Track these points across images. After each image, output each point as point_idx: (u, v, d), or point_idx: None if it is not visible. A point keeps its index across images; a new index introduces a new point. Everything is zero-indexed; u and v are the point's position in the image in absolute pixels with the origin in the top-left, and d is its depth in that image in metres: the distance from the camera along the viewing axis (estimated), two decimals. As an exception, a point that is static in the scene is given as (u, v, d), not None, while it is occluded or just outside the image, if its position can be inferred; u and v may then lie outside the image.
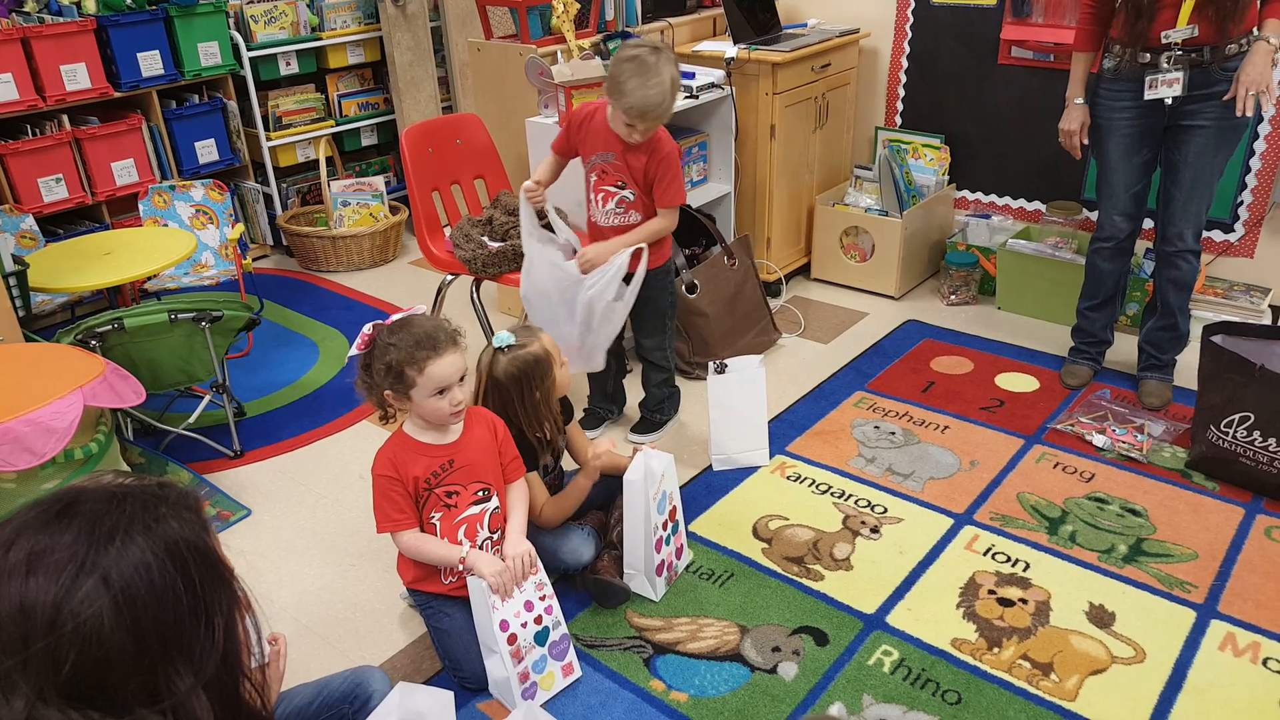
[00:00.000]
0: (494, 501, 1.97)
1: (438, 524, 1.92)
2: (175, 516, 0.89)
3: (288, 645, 1.39)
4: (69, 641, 0.80)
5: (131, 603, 0.82)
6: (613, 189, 2.49)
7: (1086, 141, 2.71)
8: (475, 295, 2.89)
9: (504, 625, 1.82)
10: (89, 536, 0.84)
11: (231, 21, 3.85)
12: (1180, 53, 2.43)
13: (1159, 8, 2.41)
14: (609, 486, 2.16)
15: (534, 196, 2.48)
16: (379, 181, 4.15)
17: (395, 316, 1.87)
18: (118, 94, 3.57)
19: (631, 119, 2.32)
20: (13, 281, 2.61)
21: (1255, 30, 2.42)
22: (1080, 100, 2.68)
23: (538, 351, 2.08)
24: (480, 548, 1.95)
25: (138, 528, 0.86)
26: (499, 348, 2.07)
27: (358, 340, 1.86)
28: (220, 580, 0.92)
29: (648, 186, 2.47)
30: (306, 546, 2.40)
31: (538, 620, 1.88)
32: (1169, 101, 2.49)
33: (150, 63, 3.62)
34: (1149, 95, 2.50)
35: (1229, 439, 2.39)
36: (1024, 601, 2.10)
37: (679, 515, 2.21)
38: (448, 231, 3.05)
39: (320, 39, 4.09)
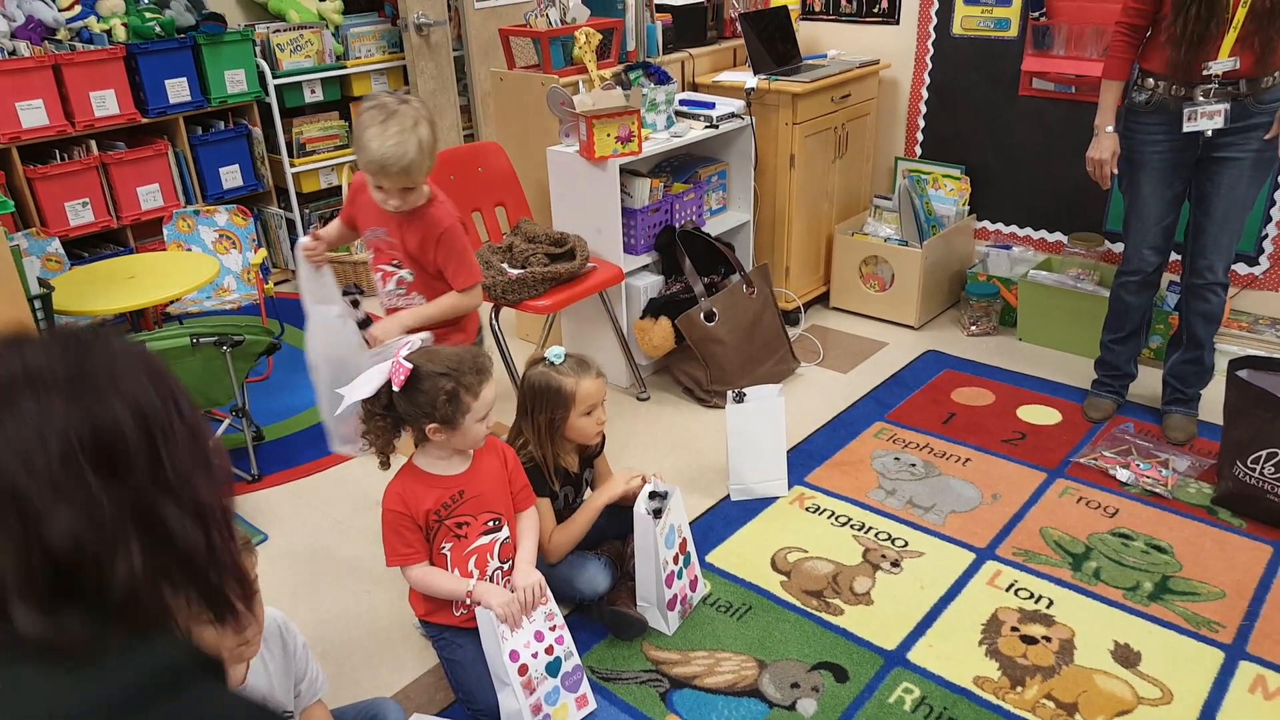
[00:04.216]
0: (504, 531, 1.96)
1: (448, 554, 1.91)
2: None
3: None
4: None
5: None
6: (389, 268, 2.26)
7: (1116, 171, 2.68)
8: (495, 321, 2.90)
9: (514, 655, 1.80)
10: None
11: (258, 49, 3.91)
12: (1218, 85, 2.41)
13: (1206, 38, 2.36)
14: (626, 518, 2.15)
15: (312, 255, 2.22)
16: (400, 208, 4.17)
17: (409, 348, 1.81)
18: (145, 120, 3.62)
19: (374, 176, 2.04)
20: (38, 304, 2.64)
21: None
22: (1111, 128, 2.63)
23: (563, 385, 2.08)
24: (491, 578, 1.93)
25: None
26: (545, 358, 2.12)
27: (393, 374, 1.77)
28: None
29: (429, 267, 2.20)
30: (322, 572, 2.40)
31: (549, 650, 1.86)
32: (1207, 134, 2.47)
33: (178, 90, 3.68)
34: (1188, 128, 2.46)
35: (1256, 475, 2.35)
36: (1047, 639, 2.06)
37: (690, 547, 2.18)
38: (467, 258, 3.05)
39: (345, 67, 4.15)
